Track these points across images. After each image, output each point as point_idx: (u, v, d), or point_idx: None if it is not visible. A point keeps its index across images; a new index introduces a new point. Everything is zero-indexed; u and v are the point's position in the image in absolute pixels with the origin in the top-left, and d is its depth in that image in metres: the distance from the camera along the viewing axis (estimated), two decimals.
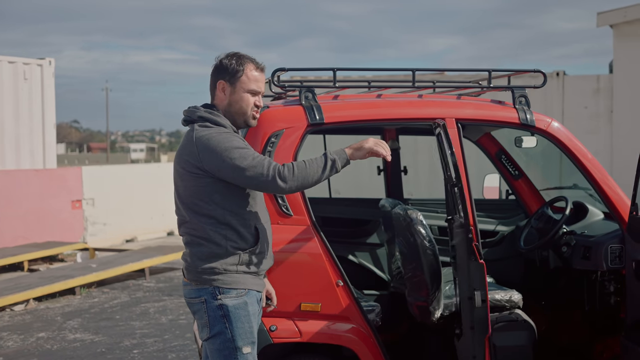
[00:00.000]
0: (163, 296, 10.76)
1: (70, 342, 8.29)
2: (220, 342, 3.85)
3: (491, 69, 5.06)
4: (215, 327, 3.84)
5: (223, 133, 3.84)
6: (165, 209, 17.78)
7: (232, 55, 3.98)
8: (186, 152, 3.87)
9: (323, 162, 3.86)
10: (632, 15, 15.67)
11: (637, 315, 4.84)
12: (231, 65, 3.94)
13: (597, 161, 5.09)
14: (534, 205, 6.37)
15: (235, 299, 3.85)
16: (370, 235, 6.43)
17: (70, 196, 15.60)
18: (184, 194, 3.92)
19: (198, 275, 3.86)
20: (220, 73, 3.96)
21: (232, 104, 3.96)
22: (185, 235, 3.96)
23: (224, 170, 3.77)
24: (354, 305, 4.68)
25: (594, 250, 5.07)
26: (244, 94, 3.96)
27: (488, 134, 6.40)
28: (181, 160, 3.90)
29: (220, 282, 3.84)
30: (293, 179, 3.79)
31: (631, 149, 14.01)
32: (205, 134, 3.83)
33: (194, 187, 3.86)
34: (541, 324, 5.58)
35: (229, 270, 3.85)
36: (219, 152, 3.77)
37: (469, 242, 4.42)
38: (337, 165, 3.88)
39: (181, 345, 7.99)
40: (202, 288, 3.86)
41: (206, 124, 3.89)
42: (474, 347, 4.55)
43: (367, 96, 5.27)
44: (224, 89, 3.96)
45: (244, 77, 3.95)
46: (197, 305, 3.89)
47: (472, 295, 4.45)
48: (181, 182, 3.93)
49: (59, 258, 14.20)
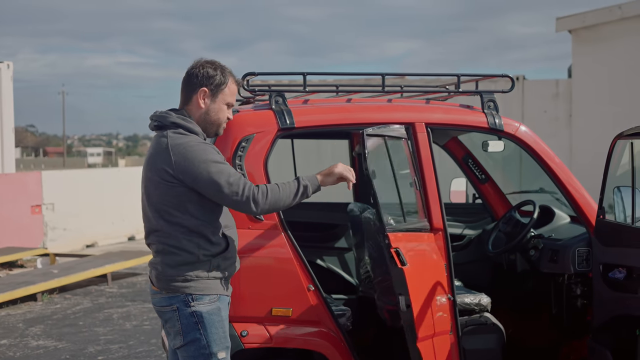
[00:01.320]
0: (126, 302, 10.66)
1: (33, 349, 8.19)
2: (194, 348, 3.82)
3: (460, 74, 5.09)
4: (189, 334, 3.82)
5: (201, 143, 3.82)
6: (125, 214, 17.66)
7: (216, 66, 3.96)
8: (160, 159, 3.81)
9: (296, 188, 3.94)
10: (591, 20, 15.91)
11: (604, 318, 4.90)
12: (217, 76, 3.93)
13: (564, 165, 5.14)
14: (501, 209, 6.42)
15: (208, 305, 3.83)
16: (339, 240, 6.43)
17: (30, 201, 15.42)
18: (156, 201, 3.86)
19: (168, 283, 3.83)
20: (204, 81, 3.92)
21: (210, 113, 3.95)
22: (156, 243, 3.90)
23: (200, 182, 3.75)
24: (325, 309, 4.68)
25: (562, 254, 5.12)
26: (222, 105, 3.96)
27: (455, 139, 6.43)
28: (154, 168, 3.84)
29: (193, 289, 3.81)
30: (265, 202, 3.84)
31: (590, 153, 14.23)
32: (182, 143, 3.79)
33: (167, 196, 3.81)
34: (509, 327, 5.61)
35: (200, 277, 3.82)
36: (197, 163, 3.74)
37: (387, 247, 4.41)
38: (308, 191, 3.98)
39: (147, 351, 7.93)
40: (174, 296, 3.83)
41: (179, 131, 3.85)
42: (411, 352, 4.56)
43: (337, 100, 5.27)
44: (204, 97, 3.93)
45: (227, 89, 3.96)
46: (169, 313, 3.86)
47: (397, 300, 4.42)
48: (154, 190, 3.86)
49: (19, 264, 14.02)
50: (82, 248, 16.42)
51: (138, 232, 18.03)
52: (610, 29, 15.78)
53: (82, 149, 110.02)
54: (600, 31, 15.92)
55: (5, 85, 16.60)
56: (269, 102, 4.82)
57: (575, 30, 16.23)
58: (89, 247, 16.68)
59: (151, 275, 3.95)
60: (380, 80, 5.02)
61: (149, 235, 3.96)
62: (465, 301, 5.10)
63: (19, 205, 15.18)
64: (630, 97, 15.14)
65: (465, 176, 6.65)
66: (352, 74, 5.26)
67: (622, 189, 4.79)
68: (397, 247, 4.35)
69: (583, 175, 6.59)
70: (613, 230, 4.80)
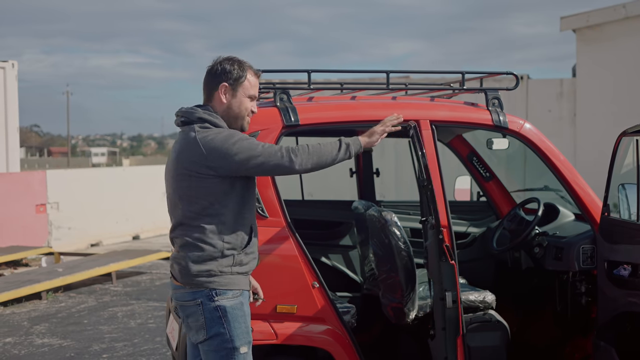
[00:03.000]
0: (131, 300, 10.68)
1: (38, 347, 8.20)
2: (217, 343, 3.85)
3: (464, 71, 5.10)
4: (213, 328, 3.84)
5: (226, 130, 3.90)
6: (130, 213, 17.68)
7: (234, 61, 4.01)
8: (190, 153, 3.85)
9: (338, 145, 4.03)
10: (595, 20, 15.89)
11: (608, 315, 4.90)
12: (235, 70, 3.98)
13: (569, 163, 5.15)
14: (505, 207, 6.42)
15: (232, 300, 3.86)
16: (343, 237, 6.44)
17: (35, 200, 15.44)
18: (185, 195, 3.88)
19: (193, 278, 3.84)
20: (223, 76, 3.98)
21: (232, 108, 4.00)
22: (181, 237, 3.91)
23: (236, 162, 3.80)
24: (330, 306, 4.69)
25: (566, 251, 5.11)
26: (243, 99, 4.01)
27: (459, 136, 6.44)
28: (184, 162, 3.87)
29: (217, 283, 3.84)
30: (307, 157, 3.91)
31: (594, 152, 14.23)
32: (209, 134, 3.85)
33: (198, 189, 3.85)
34: (513, 325, 5.61)
35: (224, 272, 3.85)
36: (228, 146, 3.80)
37: (439, 243, 4.44)
38: (350, 150, 4.06)
39: (151, 349, 7.94)
40: (198, 291, 3.85)
41: (205, 125, 3.90)
42: (446, 348, 4.58)
43: (341, 98, 5.28)
44: (225, 92, 3.98)
45: (246, 82, 4.01)
46: (192, 307, 3.88)
47: (443, 296, 4.48)
48: (184, 184, 3.88)
49: (24, 263, 14.04)
50: (87, 247, 16.43)
51: (142, 232, 18.06)
52: (614, 28, 15.76)
53: (87, 149, 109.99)
54: (604, 30, 15.90)
55: (10, 85, 16.60)
56: (274, 99, 4.83)
57: (579, 30, 16.21)
58: (93, 246, 16.69)
59: (173, 270, 3.96)
60: (385, 79, 5.03)
61: (174, 229, 3.98)
62: (470, 298, 5.10)
63: (24, 205, 15.19)
64: (634, 96, 15.12)
65: (469, 174, 6.65)
66: (356, 71, 5.27)
67: (627, 186, 4.80)
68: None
69: (588, 173, 6.59)
70: (618, 228, 4.80)
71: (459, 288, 4.57)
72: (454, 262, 4.43)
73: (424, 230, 4.89)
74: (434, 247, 4.51)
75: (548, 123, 15.84)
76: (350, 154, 4.06)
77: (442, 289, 4.49)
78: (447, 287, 4.47)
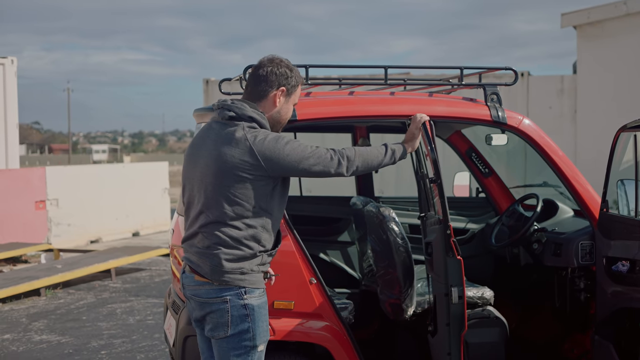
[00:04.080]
0: (130, 297, 10.67)
1: (36, 343, 8.19)
2: (239, 340, 3.81)
3: (463, 67, 5.07)
4: (239, 325, 3.80)
5: (272, 134, 3.85)
6: (130, 210, 17.67)
7: (291, 66, 4.00)
8: (239, 153, 3.76)
9: (384, 150, 4.08)
10: (596, 16, 15.84)
11: (607, 311, 4.88)
12: (294, 77, 3.99)
13: (567, 158, 5.12)
14: (504, 203, 6.40)
15: (258, 299, 3.86)
16: (342, 234, 6.42)
17: (34, 197, 15.43)
18: (229, 194, 3.79)
19: (225, 275, 3.79)
20: (282, 80, 3.94)
21: (281, 112, 3.99)
22: (216, 235, 3.80)
23: (288, 162, 3.79)
24: (327, 303, 4.67)
25: (565, 247, 5.10)
26: (291, 106, 4.05)
27: (458, 132, 6.42)
28: (232, 161, 3.77)
29: (247, 282, 3.82)
30: (354, 161, 3.95)
31: (595, 149, 14.19)
32: (259, 135, 3.79)
33: (245, 189, 3.78)
34: (512, 321, 5.60)
35: (254, 270, 3.85)
36: (280, 147, 3.78)
37: (447, 238, 4.41)
38: (395, 155, 4.12)
39: (150, 346, 7.92)
40: (226, 288, 3.81)
41: (253, 125, 3.85)
42: (450, 344, 4.56)
43: (339, 93, 5.26)
44: (282, 96, 3.97)
45: (297, 91, 4.05)
46: (217, 304, 3.82)
47: (448, 291, 4.45)
48: (227, 182, 3.78)
49: (23, 259, 14.04)
50: (87, 244, 16.42)
51: (142, 228, 18.04)
52: (615, 25, 15.72)
53: (88, 146, 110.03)
54: (605, 27, 15.86)
55: (10, 81, 16.59)
56: None
57: (580, 26, 16.17)
58: (93, 242, 16.68)
59: (198, 266, 3.86)
60: (384, 75, 5.01)
61: (206, 225, 3.84)
62: (469, 295, 5.08)
63: (23, 201, 15.19)
64: (635, 93, 15.08)
65: (468, 170, 6.63)
66: (354, 66, 5.24)
67: (626, 182, 4.78)
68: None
69: (588, 170, 6.58)
70: (616, 223, 4.79)
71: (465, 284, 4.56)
72: (460, 258, 4.41)
73: (423, 226, 4.87)
74: (441, 243, 4.48)
75: (549, 120, 15.80)
76: (395, 159, 4.12)
77: (447, 285, 4.46)
78: (453, 283, 4.44)
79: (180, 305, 4.77)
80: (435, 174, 4.48)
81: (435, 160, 4.47)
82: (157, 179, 18.89)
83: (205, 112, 5.08)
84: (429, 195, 4.62)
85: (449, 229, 4.40)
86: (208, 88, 17.81)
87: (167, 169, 19.73)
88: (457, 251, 4.39)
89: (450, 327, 4.50)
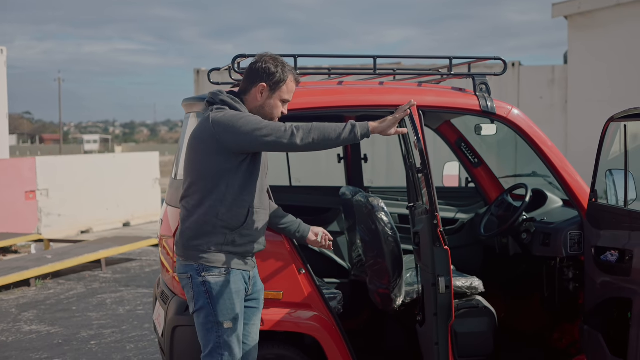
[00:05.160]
0: (120, 287, 10.65)
1: (26, 333, 8.17)
2: (203, 316, 4.01)
3: (452, 56, 5.06)
4: (199, 302, 4.01)
5: (236, 112, 3.99)
6: (120, 200, 17.62)
7: (278, 63, 4.09)
8: (201, 130, 4.00)
9: (344, 125, 3.99)
10: (587, 6, 15.84)
11: (596, 301, 4.89)
12: (277, 74, 4.06)
13: (556, 148, 5.12)
14: (494, 193, 6.40)
15: (217, 277, 3.99)
16: (331, 224, 6.42)
17: (24, 187, 15.37)
18: (192, 170, 4.04)
19: (184, 251, 4.02)
20: (264, 77, 4.06)
21: (265, 108, 4.09)
22: (183, 208, 4.08)
23: (241, 134, 3.87)
24: (316, 293, 4.67)
25: (554, 237, 5.10)
26: (278, 102, 4.10)
27: (448, 122, 6.41)
28: (195, 138, 4.03)
29: (205, 260, 3.98)
30: (308, 134, 3.91)
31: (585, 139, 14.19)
32: (221, 114, 3.96)
33: (204, 164, 3.98)
34: (501, 311, 5.61)
35: (212, 249, 3.98)
36: (234, 121, 3.91)
37: (434, 228, 4.42)
38: (356, 131, 3.99)
39: (139, 336, 7.91)
40: (188, 264, 4.01)
41: (222, 107, 4.01)
42: (437, 334, 4.57)
43: (328, 83, 5.24)
44: (262, 92, 4.08)
45: (285, 87, 4.09)
46: (185, 280, 4.06)
47: (435, 281, 4.46)
48: (195, 157, 4.03)
49: (13, 249, 14.00)
50: (77, 234, 16.37)
51: (133, 218, 18.00)
52: (606, 15, 15.72)
53: (79, 136, 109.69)
54: (596, 17, 15.86)
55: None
56: None
57: (571, 17, 16.16)
58: (83, 233, 16.63)
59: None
60: (374, 65, 4.99)
61: (181, 200, 4.13)
62: (457, 284, 5.09)
63: (13, 191, 15.13)
64: (625, 83, 15.10)
65: (458, 160, 6.63)
66: (343, 56, 5.22)
67: (614, 171, 4.77)
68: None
69: (579, 160, 6.58)
70: (605, 213, 4.79)
71: (452, 274, 4.56)
72: (447, 248, 4.41)
73: (411, 216, 4.87)
74: (428, 233, 4.49)
75: (539, 110, 15.81)
76: (356, 135, 3.99)
77: (434, 275, 4.48)
78: (440, 273, 4.46)
79: (169, 295, 4.76)
80: (422, 164, 4.48)
81: (422, 151, 4.47)
82: (148, 169, 18.85)
83: (194, 102, 5.08)
84: (417, 186, 4.62)
85: (436, 219, 4.41)
86: (199, 78, 17.77)
87: (158, 159, 19.69)
88: (444, 241, 4.40)
89: (437, 317, 4.51)
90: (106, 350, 7.42)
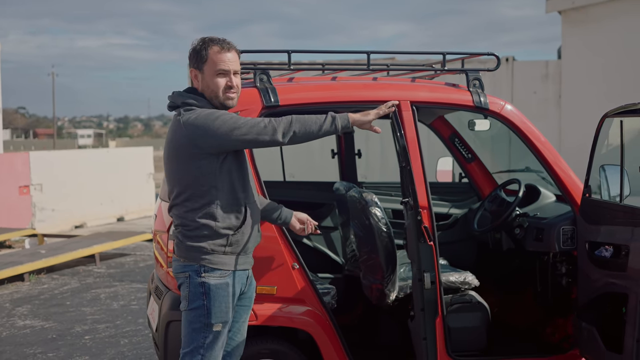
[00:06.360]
0: (114, 282, 10.65)
1: (20, 328, 8.17)
2: (195, 315, 3.96)
3: (445, 52, 5.07)
4: (195, 302, 3.96)
5: (206, 111, 3.91)
6: (114, 195, 17.61)
7: (198, 40, 4.02)
8: (176, 136, 3.92)
9: (324, 117, 3.98)
10: (581, 2, 15.86)
11: (589, 296, 4.91)
12: (196, 52, 3.99)
13: (549, 144, 5.14)
14: (487, 189, 6.42)
15: (218, 279, 3.95)
16: (325, 219, 6.42)
17: (18, 182, 15.35)
18: (178, 177, 3.97)
19: (186, 252, 3.96)
20: (190, 61, 4.02)
21: (205, 89, 4.01)
22: (175, 217, 4.02)
23: (219, 135, 3.82)
24: (310, 288, 4.68)
25: (547, 232, 5.12)
26: (212, 76, 3.97)
27: (441, 117, 6.42)
28: (173, 146, 3.95)
29: (207, 261, 3.93)
30: (289, 126, 3.89)
31: (579, 134, 14.22)
32: (192, 115, 3.89)
33: (188, 171, 3.91)
34: (494, 306, 5.63)
35: (216, 250, 3.94)
36: (209, 123, 3.83)
37: (418, 224, 4.45)
38: (337, 122, 3.99)
39: (133, 331, 7.92)
40: (188, 265, 3.96)
41: (189, 108, 3.94)
42: (425, 329, 4.60)
43: (322, 79, 5.25)
44: (196, 76, 4.02)
45: (210, 60, 3.97)
46: (182, 279, 4.02)
47: (421, 277, 4.49)
48: (173, 166, 3.98)
49: (7, 244, 13.96)
50: (71, 229, 16.36)
51: (127, 213, 17.99)
52: (600, 10, 15.74)
53: (73, 130, 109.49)
54: (590, 12, 15.88)
55: None
56: (254, 79, 4.80)
57: (565, 12, 16.19)
58: (77, 228, 16.62)
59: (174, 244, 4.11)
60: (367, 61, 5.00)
61: (169, 209, 4.08)
62: (450, 279, 5.11)
63: (7, 186, 15.11)
64: (619, 78, 15.12)
65: (451, 155, 6.64)
66: (336, 52, 5.22)
67: (608, 167, 4.79)
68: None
69: (573, 155, 6.60)
70: (599, 209, 4.80)
71: (437, 269, 4.57)
72: (432, 243, 4.43)
73: (405, 211, 4.88)
74: (413, 228, 4.52)
75: (533, 105, 15.84)
76: (337, 126, 3.98)
77: (420, 270, 4.51)
78: (425, 268, 4.49)
79: (163, 290, 4.77)
80: (405, 160, 4.50)
81: (404, 147, 4.49)
82: (142, 164, 18.84)
83: None
84: (407, 181, 4.63)
85: (420, 214, 4.43)
86: None
87: (152, 154, 19.69)
88: (427, 237, 4.41)
89: (424, 313, 4.54)
90: (100, 345, 7.43)
